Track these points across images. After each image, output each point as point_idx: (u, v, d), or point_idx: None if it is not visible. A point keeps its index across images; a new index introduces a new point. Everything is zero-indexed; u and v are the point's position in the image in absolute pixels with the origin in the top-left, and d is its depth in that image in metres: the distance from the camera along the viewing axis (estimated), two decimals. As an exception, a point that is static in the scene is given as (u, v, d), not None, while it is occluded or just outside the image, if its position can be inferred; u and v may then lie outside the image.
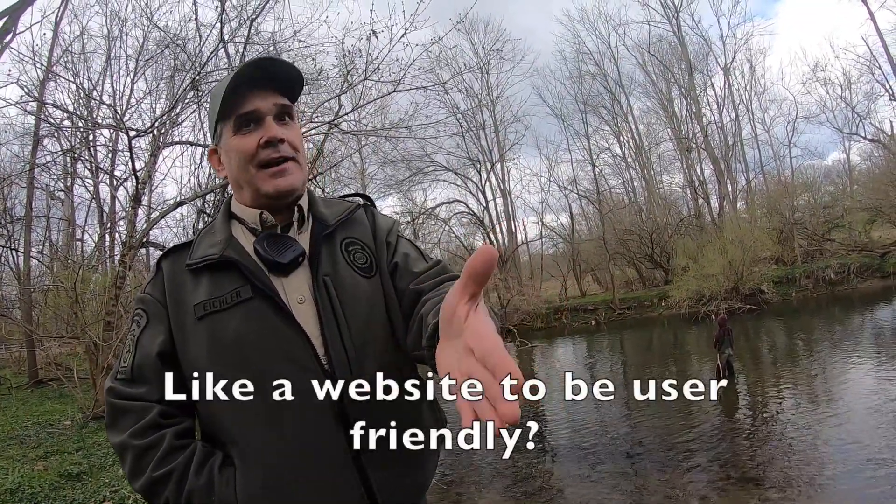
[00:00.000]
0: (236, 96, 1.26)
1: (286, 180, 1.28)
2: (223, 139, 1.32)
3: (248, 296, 1.22)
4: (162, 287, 1.30)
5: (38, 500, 5.38)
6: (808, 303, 22.54)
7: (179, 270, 1.30)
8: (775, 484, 6.38)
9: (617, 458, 8.20)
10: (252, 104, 1.27)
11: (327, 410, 1.19)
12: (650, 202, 35.21)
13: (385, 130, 12.58)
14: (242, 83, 1.25)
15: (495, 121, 35.18)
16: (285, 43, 10.41)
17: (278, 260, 1.26)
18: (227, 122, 1.29)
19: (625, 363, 17.50)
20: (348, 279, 1.30)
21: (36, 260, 17.79)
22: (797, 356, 13.55)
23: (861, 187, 29.91)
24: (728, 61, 33.40)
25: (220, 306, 1.21)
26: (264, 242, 1.28)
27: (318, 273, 1.28)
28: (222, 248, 1.27)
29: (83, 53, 15.72)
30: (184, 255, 1.32)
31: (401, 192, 33.01)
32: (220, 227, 1.34)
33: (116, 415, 1.23)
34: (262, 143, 1.26)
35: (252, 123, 1.27)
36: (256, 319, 1.20)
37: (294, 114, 1.36)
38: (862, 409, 8.43)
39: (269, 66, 1.28)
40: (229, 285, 1.23)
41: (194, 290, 1.26)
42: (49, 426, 8.73)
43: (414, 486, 1.30)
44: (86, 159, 14.96)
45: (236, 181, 1.33)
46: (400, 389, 1.28)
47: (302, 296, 1.26)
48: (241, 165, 1.29)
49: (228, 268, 1.25)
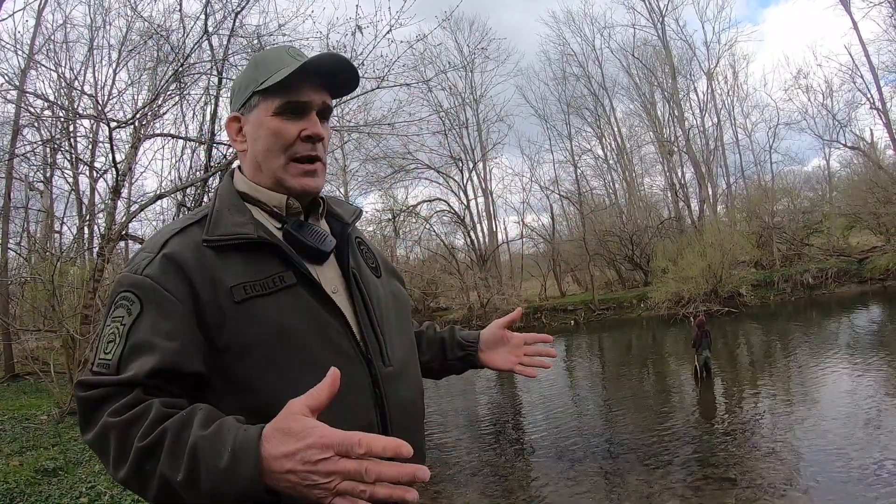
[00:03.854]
0: (295, 78, 1.21)
1: (315, 181, 1.28)
2: (257, 112, 1.26)
3: (293, 282, 1.18)
4: (175, 268, 1.12)
5: (13, 496, 5.31)
6: (786, 306, 22.79)
7: (197, 247, 1.16)
8: (752, 483, 6.46)
9: (595, 457, 8.25)
10: (307, 94, 1.24)
11: (368, 396, 1.21)
12: (631, 204, 35.38)
13: (368, 127, 12.55)
14: (311, 71, 1.23)
15: (478, 120, 35.23)
16: (270, 36, 10.36)
17: (321, 248, 1.26)
18: (271, 100, 1.24)
19: (603, 364, 17.62)
20: (368, 275, 1.36)
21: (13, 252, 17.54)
22: (774, 358, 13.71)
23: (840, 194, 30.25)
24: (711, 66, 33.66)
25: (263, 290, 1.14)
26: (300, 229, 1.26)
27: (348, 265, 1.31)
28: (255, 229, 1.19)
29: (66, 42, 15.50)
30: (194, 232, 1.19)
31: (382, 190, 32.90)
32: (235, 206, 1.25)
33: (93, 405, 1.04)
34: (303, 135, 1.24)
35: (298, 112, 1.24)
36: (300, 306, 1.17)
37: (330, 116, 1.35)
38: (837, 411, 8.56)
39: (337, 65, 1.27)
40: (269, 269, 1.17)
41: (225, 270, 1.14)
42: (25, 421, 8.63)
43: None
44: (66, 150, 14.76)
45: (257, 161, 1.28)
46: (416, 378, 1.39)
47: (335, 286, 1.27)
48: (272, 149, 1.25)
49: (262, 250, 1.18)
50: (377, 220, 31.12)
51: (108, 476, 5.61)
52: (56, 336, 10.20)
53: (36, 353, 12.95)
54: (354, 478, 0.85)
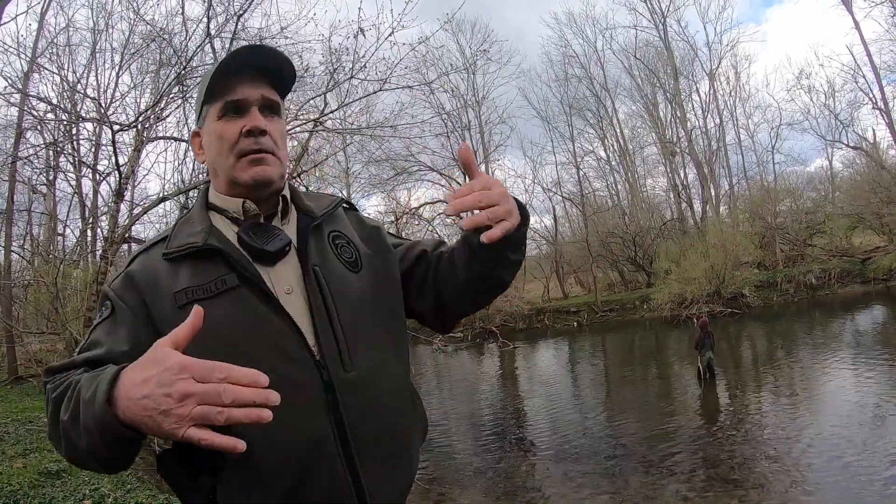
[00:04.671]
0: (227, 80, 1.24)
1: (264, 170, 1.26)
2: (207, 123, 1.30)
3: (234, 284, 1.18)
4: (130, 283, 1.22)
5: (17, 499, 5.32)
6: (789, 307, 22.73)
7: (155, 261, 1.23)
8: (755, 485, 6.45)
9: (598, 458, 8.24)
10: (241, 92, 1.25)
11: (319, 403, 1.16)
12: (633, 205, 35.32)
13: (370, 129, 12.52)
14: (235, 68, 1.24)
15: (480, 122, 35.14)
16: (272, 39, 10.34)
17: (266, 248, 1.23)
18: (214, 106, 1.27)
19: (606, 365, 17.59)
20: (337, 271, 1.29)
21: (17, 254, 17.56)
22: (777, 359, 13.68)
23: (843, 194, 30.14)
24: (713, 67, 33.63)
25: (204, 294, 1.16)
26: (249, 231, 1.24)
27: (308, 263, 1.26)
28: (204, 237, 1.22)
29: (68, 46, 15.48)
30: (159, 248, 1.26)
31: (385, 192, 32.83)
32: (198, 217, 1.29)
33: (45, 380, 1.15)
34: (244, 131, 1.24)
35: (238, 111, 1.25)
36: (243, 308, 1.16)
37: (281, 109, 1.34)
38: (840, 412, 8.54)
39: (264, 56, 1.27)
40: (213, 273, 1.19)
41: (173, 279, 1.19)
42: (28, 423, 8.62)
43: (400, 485, 1.28)
44: (69, 153, 14.76)
45: (214, 167, 1.31)
46: (389, 385, 1.28)
47: (290, 286, 1.24)
48: (220, 151, 1.27)
49: (211, 256, 1.20)
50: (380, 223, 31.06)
51: (111, 478, 5.63)
52: (59, 339, 10.21)
53: (39, 355, 12.97)
54: (210, 401, 0.86)
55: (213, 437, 0.87)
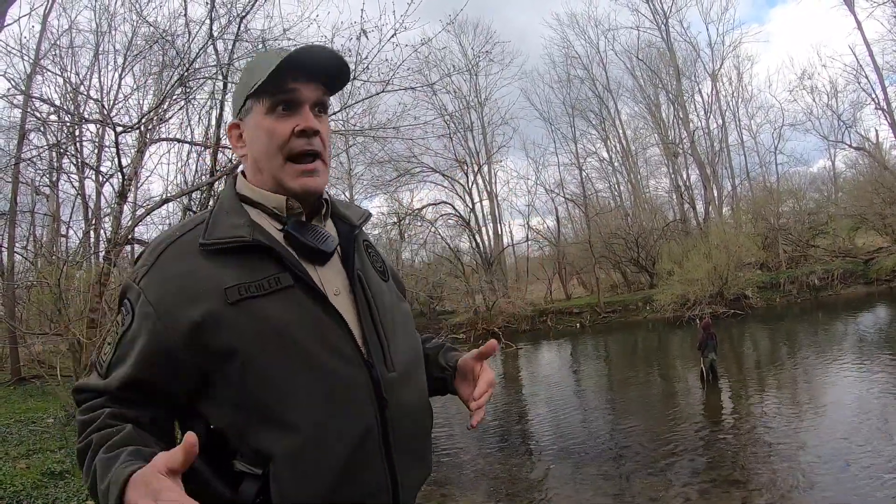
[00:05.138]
0: (281, 75, 1.21)
1: (314, 181, 1.27)
2: (251, 115, 1.27)
3: (289, 283, 1.18)
4: (161, 281, 1.17)
5: (20, 499, 5.33)
6: (792, 308, 22.69)
7: (191, 253, 1.19)
8: (758, 486, 6.44)
9: (601, 460, 8.24)
10: (296, 89, 1.24)
11: (368, 400, 1.20)
12: (636, 206, 35.31)
13: (373, 131, 12.53)
14: (291, 65, 1.21)
15: (483, 123, 35.18)
16: (275, 41, 10.34)
17: (321, 248, 1.25)
18: (262, 99, 1.25)
19: (609, 366, 17.57)
20: (374, 278, 1.35)
21: (20, 256, 17.65)
22: (780, 361, 13.66)
23: (846, 195, 30.12)
24: (716, 68, 33.65)
25: (258, 291, 1.15)
26: (300, 229, 1.25)
27: (353, 267, 1.30)
28: (250, 231, 1.20)
29: (71, 47, 15.53)
30: (192, 237, 1.21)
31: (387, 193, 32.82)
32: (234, 209, 1.26)
33: (77, 402, 1.22)
34: (296, 131, 1.23)
35: (289, 108, 1.24)
36: (298, 308, 1.17)
37: (328, 109, 1.34)
38: (844, 412, 8.52)
39: (321, 55, 1.25)
40: (265, 271, 1.17)
41: (218, 273, 1.16)
42: (31, 424, 8.65)
43: (420, 479, 1.34)
44: (72, 154, 14.79)
45: (257, 163, 1.28)
46: (419, 384, 1.37)
47: (337, 288, 1.26)
48: (269, 150, 1.25)
49: (258, 252, 1.19)
50: (383, 224, 31.07)
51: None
52: (62, 340, 10.19)
53: (42, 356, 12.99)
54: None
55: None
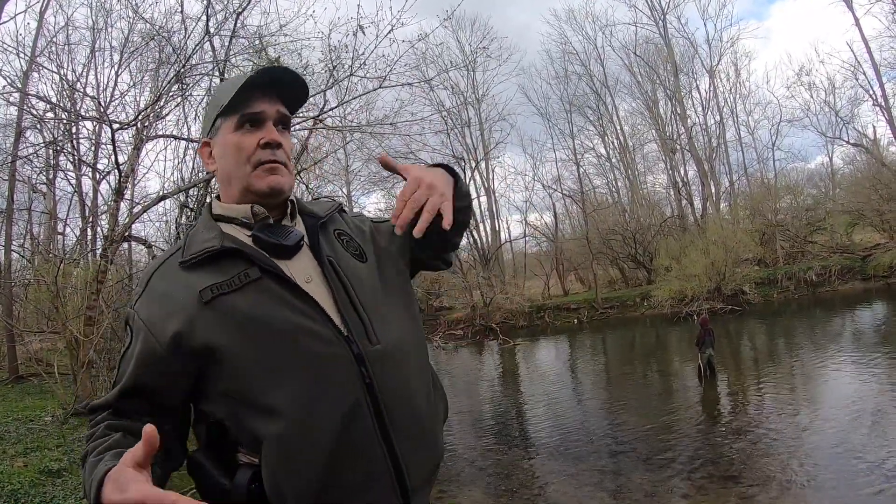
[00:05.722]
0: (245, 96, 1.31)
1: (278, 179, 1.34)
2: (221, 133, 1.36)
3: (257, 276, 1.24)
4: (151, 300, 1.28)
5: (17, 497, 5.33)
6: (790, 304, 22.73)
7: (173, 272, 1.29)
8: (755, 482, 6.45)
9: (599, 455, 8.25)
10: (259, 106, 1.33)
11: (352, 374, 1.22)
12: (634, 202, 35.35)
13: (370, 127, 12.50)
14: (254, 85, 1.31)
15: (480, 119, 35.19)
16: (271, 37, 10.33)
17: (283, 242, 1.30)
18: (230, 119, 1.34)
19: (607, 362, 17.60)
20: (349, 262, 1.38)
21: (17, 253, 17.60)
22: (778, 357, 13.69)
23: (843, 191, 30.17)
24: (713, 64, 33.63)
25: (229, 288, 1.22)
26: (264, 230, 1.32)
27: (322, 254, 1.35)
28: (220, 240, 1.28)
29: (67, 44, 15.51)
30: (174, 259, 1.31)
31: (385, 189, 32.85)
32: (207, 227, 1.34)
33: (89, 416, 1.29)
34: (261, 143, 1.32)
35: (255, 124, 1.34)
36: (268, 296, 1.23)
37: (290, 126, 1.44)
38: (841, 409, 8.54)
39: (281, 76, 1.36)
40: (234, 270, 1.25)
41: (194, 282, 1.24)
42: (29, 422, 8.64)
43: (430, 463, 1.35)
44: (68, 152, 14.73)
45: (227, 176, 1.37)
46: (414, 358, 1.37)
47: (309, 276, 1.31)
48: (238, 161, 1.33)
49: (230, 256, 1.26)
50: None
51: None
52: (60, 337, 10.19)
53: (40, 354, 12.98)
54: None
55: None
